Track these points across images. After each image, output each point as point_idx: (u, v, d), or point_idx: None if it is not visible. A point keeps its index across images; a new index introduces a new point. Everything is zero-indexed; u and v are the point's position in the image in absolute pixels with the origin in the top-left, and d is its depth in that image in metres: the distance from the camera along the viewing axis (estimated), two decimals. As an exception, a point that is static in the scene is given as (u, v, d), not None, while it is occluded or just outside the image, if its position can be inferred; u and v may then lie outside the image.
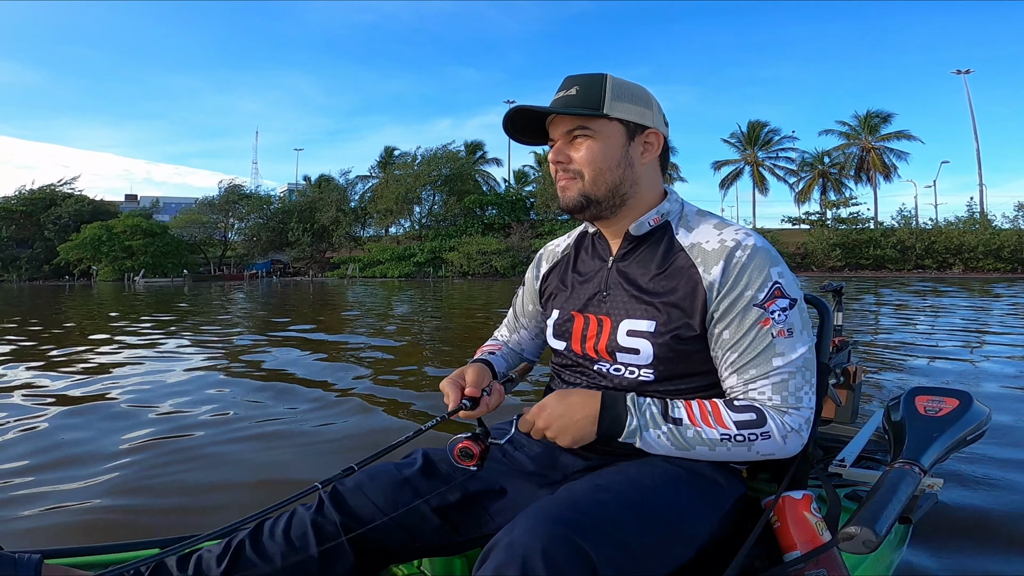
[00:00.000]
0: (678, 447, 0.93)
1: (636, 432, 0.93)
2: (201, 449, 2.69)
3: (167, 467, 2.46)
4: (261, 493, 2.16)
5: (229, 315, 11.16)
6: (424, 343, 6.77)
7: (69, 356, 5.65)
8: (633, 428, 0.93)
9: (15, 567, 0.81)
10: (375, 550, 1.01)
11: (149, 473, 2.38)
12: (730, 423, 0.93)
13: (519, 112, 1.03)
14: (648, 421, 0.93)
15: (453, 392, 1.04)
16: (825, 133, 44.86)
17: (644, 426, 0.93)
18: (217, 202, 47.77)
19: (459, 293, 18.08)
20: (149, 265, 42.70)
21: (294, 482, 2.20)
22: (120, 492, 2.19)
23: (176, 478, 2.33)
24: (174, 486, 2.26)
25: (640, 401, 0.95)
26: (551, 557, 0.73)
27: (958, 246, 33.33)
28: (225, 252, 50.24)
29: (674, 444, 0.93)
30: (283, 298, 16.83)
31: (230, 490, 2.23)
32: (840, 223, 37.29)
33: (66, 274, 44.75)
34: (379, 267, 39.32)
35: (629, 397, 0.96)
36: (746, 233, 1.00)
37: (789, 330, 0.95)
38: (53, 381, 4.36)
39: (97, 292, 23.64)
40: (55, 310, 12.81)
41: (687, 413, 0.94)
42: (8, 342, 6.80)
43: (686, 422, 0.93)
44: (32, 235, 45.50)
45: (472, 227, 41.58)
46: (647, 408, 0.94)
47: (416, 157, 44.55)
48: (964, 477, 2.17)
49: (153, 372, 4.71)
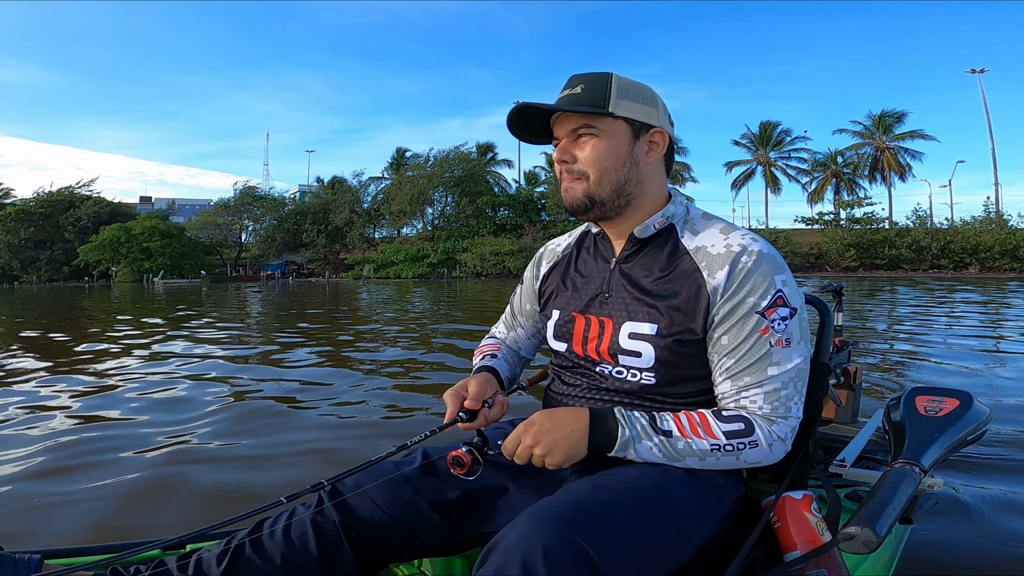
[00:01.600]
0: (668, 458, 0.93)
1: (628, 444, 0.92)
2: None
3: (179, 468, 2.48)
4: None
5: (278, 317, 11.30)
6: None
7: (138, 348, 5.73)
8: (625, 441, 0.92)
9: (15, 567, 0.81)
10: (375, 549, 1.01)
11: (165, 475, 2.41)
12: (719, 433, 0.93)
13: (524, 110, 1.02)
14: (639, 433, 0.93)
15: (452, 404, 1.02)
16: (839, 132, 44.89)
17: (636, 438, 0.92)
18: (232, 204, 48.32)
19: (476, 292, 18.16)
20: (167, 266, 43.29)
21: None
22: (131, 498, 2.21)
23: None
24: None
25: (629, 414, 0.95)
26: (552, 557, 0.73)
27: (974, 246, 32.91)
28: (240, 253, 50.77)
29: (665, 455, 0.93)
30: (313, 298, 17.05)
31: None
32: (854, 223, 36.96)
33: (85, 275, 45.49)
34: (393, 268, 39.52)
35: (617, 410, 0.95)
36: (752, 238, 0.99)
37: (787, 340, 0.95)
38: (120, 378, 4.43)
39: (119, 293, 23.98)
40: (100, 310, 13.05)
41: (676, 425, 0.94)
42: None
43: (676, 434, 0.93)
44: (51, 236, 46.27)
45: (484, 228, 41.68)
46: (637, 420, 0.94)
47: (429, 158, 44.84)
48: (964, 477, 2.16)
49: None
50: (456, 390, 1.05)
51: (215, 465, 2.50)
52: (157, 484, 2.28)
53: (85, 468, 2.45)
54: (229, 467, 2.48)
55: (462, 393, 1.05)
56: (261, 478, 2.36)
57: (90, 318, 10.89)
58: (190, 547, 1.06)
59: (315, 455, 2.63)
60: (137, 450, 2.68)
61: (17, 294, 26.04)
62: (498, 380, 1.15)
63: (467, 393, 1.04)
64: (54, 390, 4.08)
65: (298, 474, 2.36)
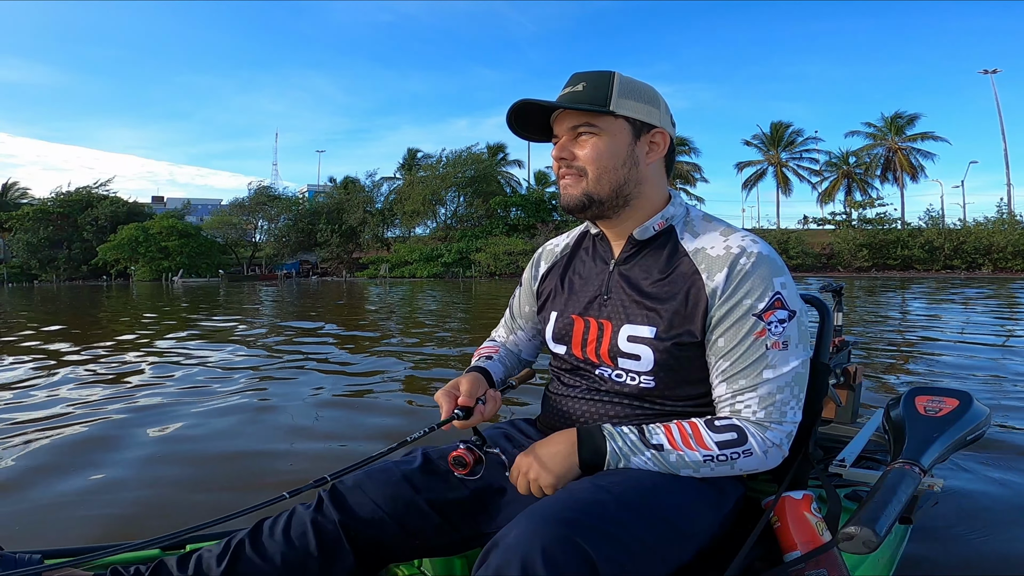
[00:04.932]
0: (663, 470, 0.92)
1: (619, 461, 0.92)
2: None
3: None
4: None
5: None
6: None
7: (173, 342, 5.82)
8: (616, 456, 0.92)
9: (15, 567, 0.82)
10: (375, 549, 1.01)
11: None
12: (712, 444, 0.92)
13: (524, 106, 1.01)
14: (630, 449, 0.92)
15: (446, 403, 1.02)
16: (851, 135, 44.82)
17: (627, 455, 0.92)
18: (247, 203, 48.78)
19: (507, 291, 18.20)
20: (185, 265, 43.83)
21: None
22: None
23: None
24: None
25: (618, 430, 0.94)
26: (551, 557, 0.73)
27: (987, 246, 32.72)
28: (255, 253, 51.26)
29: (659, 468, 0.92)
30: (353, 297, 17.07)
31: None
32: (866, 223, 36.80)
33: (103, 274, 46.19)
34: (408, 267, 39.72)
35: (605, 427, 0.95)
36: (752, 240, 0.98)
37: (784, 343, 0.94)
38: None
39: (137, 292, 24.26)
40: (155, 309, 12.97)
41: (667, 438, 0.93)
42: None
43: (667, 447, 0.92)
44: (69, 236, 46.99)
45: (497, 228, 41.79)
46: (626, 436, 0.93)
47: (441, 159, 45.14)
48: (964, 477, 2.15)
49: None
50: (448, 389, 1.05)
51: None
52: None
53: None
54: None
55: (454, 392, 1.04)
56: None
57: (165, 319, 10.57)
58: (190, 547, 1.07)
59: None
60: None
61: (39, 292, 26.39)
62: (489, 380, 1.15)
63: (459, 392, 1.03)
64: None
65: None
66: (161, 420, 3.21)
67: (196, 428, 3.06)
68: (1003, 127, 40.90)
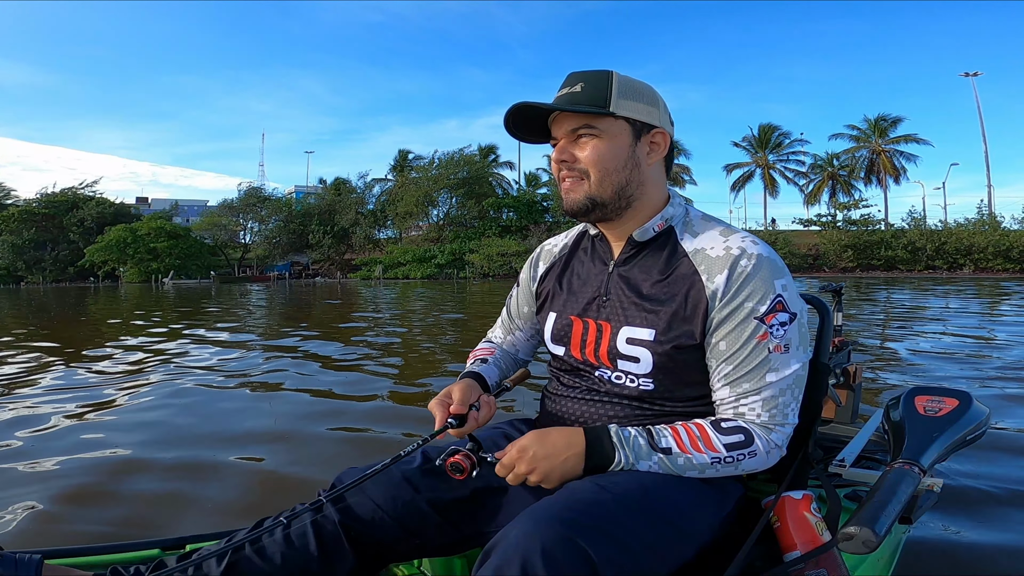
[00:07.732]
0: (668, 472, 0.92)
1: (626, 468, 0.91)
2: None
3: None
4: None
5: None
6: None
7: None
8: (623, 464, 0.91)
9: (15, 567, 0.81)
10: (375, 549, 1.00)
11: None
12: (719, 446, 0.92)
13: (521, 108, 0.99)
14: (638, 455, 0.92)
15: (439, 412, 1.01)
16: (835, 137, 45.63)
17: (634, 461, 0.91)
18: (237, 204, 48.47)
19: (505, 292, 18.12)
20: (176, 267, 43.50)
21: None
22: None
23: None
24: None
25: (626, 434, 0.93)
26: (551, 557, 0.73)
27: (968, 247, 33.19)
28: (245, 254, 50.95)
29: (664, 471, 0.92)
30: (362, 299, 16.87)
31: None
32: (851, 224, 37.28)
33: (91, 276, 45.69)
34: (401, 269, 39.68)
35: (614, 431, 0.93)
36: (752, 241, 0.98)
37: (786, 346, 0.94)
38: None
39: (126, 293, 23.95)
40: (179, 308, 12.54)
41: (675, 441, 0.93)
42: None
43: (675, 450, 0.92)
44: (55, 237, 46.49)
45: (489, 229, 41.82)
46: (634, 440, 0.92)
47: (433, 160, 45.14)
48: (964, 477, 2.16)
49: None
50: (441, 398, 1.04)
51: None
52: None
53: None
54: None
55: (447, 400, 1.03)
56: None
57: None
58: (190, 547, 1.06)
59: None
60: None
61: (25, 295, 26.02)
62: (483, 385, 1.14)
63: (452, 400, 1.03)
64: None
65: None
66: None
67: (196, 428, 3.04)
68: (984, 129, 41.87)
